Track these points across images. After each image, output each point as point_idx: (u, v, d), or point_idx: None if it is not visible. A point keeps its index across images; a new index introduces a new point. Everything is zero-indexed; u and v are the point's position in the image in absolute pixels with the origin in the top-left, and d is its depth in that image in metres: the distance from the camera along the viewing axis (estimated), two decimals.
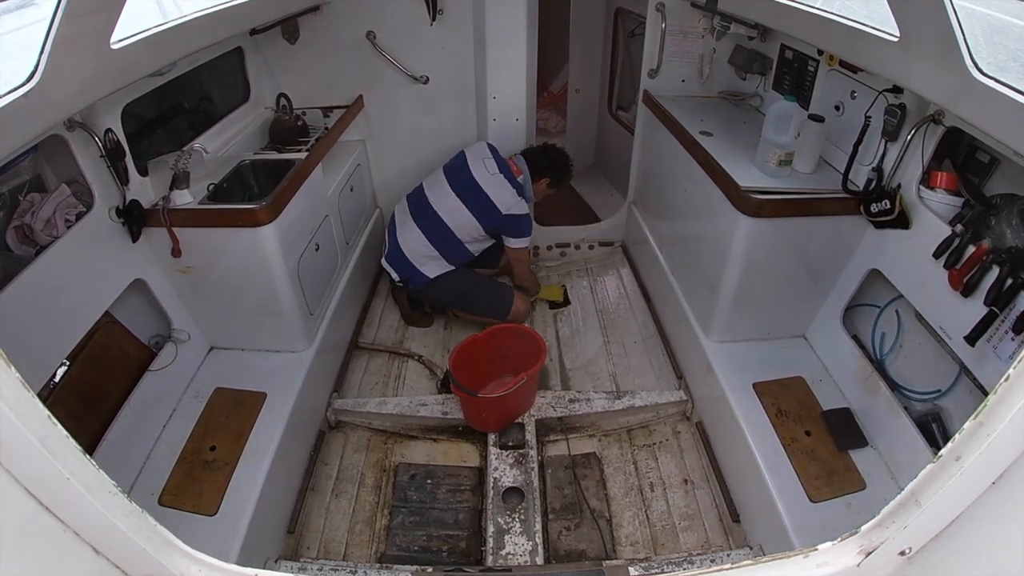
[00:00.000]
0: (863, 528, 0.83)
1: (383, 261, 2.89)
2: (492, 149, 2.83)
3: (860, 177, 2.04)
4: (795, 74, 2.48)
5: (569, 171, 2.98)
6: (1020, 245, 1.59)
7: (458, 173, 2.76)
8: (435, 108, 3.23)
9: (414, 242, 2.74)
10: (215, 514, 1.81)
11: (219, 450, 2.00)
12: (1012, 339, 1.51)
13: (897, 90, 1.89)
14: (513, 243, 2.79)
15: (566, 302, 3.28)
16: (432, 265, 2.74)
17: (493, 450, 2.28)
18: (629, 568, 1.36)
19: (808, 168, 2.18)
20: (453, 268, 2.77)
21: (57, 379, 1.83)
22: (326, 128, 2.85)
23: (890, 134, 1.92)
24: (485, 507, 2.12)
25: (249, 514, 1.82)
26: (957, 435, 0.74)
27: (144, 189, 2.08)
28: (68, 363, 1.88)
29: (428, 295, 2.86)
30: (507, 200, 2.68)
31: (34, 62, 1.44)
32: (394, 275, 2.81)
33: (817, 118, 2.13)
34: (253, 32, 2.66)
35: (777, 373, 2.26)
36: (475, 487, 2.27)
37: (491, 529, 2.01)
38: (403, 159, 3.39)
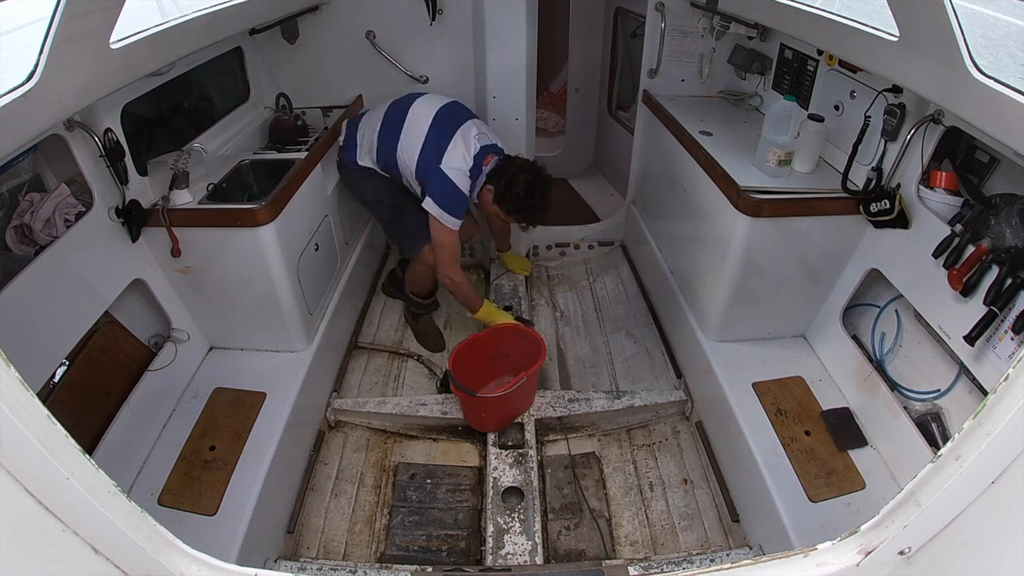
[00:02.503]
0: (862, 528, 0.83)
1: (344, 122, 2.72)
2: (496, 147, 2.55)
3: (860, 177, 2.04)
4: (795, 74, 2.48)
5: (522, 204, 2.41)
6: (1019, 245, 1.59)
7: (452, 116, 2.52)
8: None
9: (370, 123, 2.60)
10: (215, 514, 1.82)
11: (219, 450, 2.00)
12: (1011, 339, 1.52)
13: (897, 90, 1.89)
14: (427, 204, 2.39)
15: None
16: (366, 158, 2.61)
17: (493, 450, 2.28)
18: (628, 568, 1.36)
19: (807, 168, 2.18)
20: (387, 176, 2.63)
21: (56, 379, 1.83)
22: (326, 128, 2.84)
23: (890, 134, 1.93)
24: (485, 507, 2.12)
25: (249, 514, 1.82)
26: (956, 435, 0.74)
27: (144, 189, 2.08)
28: (67, 363, 1.88)
29: (354, 183, 2.73)
30: (457, 164, 2.39)
31: (34, 62, 1.43)
32: (344, 134, 2.69)
33: (817, 118, 2.13)
34: (253, 32, 2.66)
35: (777, 373, 2.26)
36: (475, 487, 2.27)
37: (491, 529, 2.01)
38: None
